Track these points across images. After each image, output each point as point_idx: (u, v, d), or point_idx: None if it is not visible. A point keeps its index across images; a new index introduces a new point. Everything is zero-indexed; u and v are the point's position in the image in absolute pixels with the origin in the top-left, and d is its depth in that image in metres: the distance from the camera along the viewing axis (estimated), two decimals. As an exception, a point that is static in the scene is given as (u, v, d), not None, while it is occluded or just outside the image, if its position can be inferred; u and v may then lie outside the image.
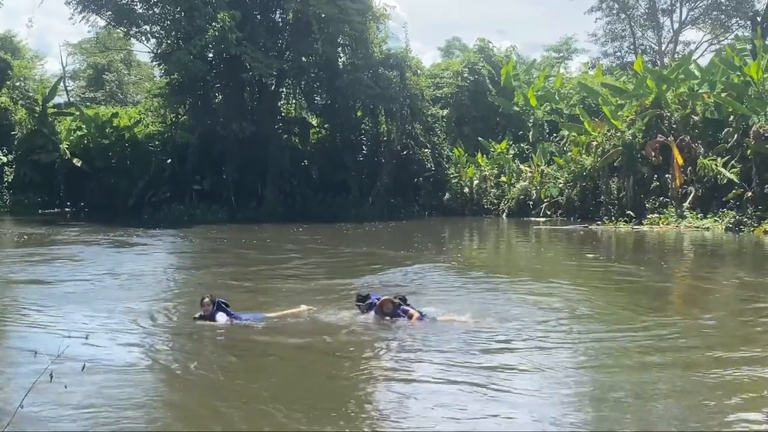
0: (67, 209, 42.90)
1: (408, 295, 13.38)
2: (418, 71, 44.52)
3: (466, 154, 43.96)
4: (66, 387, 7.30)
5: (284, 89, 43.78)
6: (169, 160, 41.56)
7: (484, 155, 43.54)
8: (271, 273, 19.07)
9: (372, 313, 12.25)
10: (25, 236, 28.61)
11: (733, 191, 31.81)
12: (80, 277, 17.95)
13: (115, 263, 20.77)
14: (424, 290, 15.97)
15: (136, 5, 40.47)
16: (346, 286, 16.14)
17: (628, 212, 34.42)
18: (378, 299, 12.40)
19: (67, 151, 42.33)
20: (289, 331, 11.56)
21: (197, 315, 11.88)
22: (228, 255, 24.32)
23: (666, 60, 62.28)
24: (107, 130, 42.93)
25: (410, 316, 11.98)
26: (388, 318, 11.99)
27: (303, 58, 41.07)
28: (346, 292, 14.77)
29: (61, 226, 33.27)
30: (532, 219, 38.26)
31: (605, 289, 16.87)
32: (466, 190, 43.43)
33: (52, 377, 5.99)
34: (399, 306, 12.14)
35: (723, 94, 33.98)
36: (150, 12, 40.78)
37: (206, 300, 11.76)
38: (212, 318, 11.62)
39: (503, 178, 42.32)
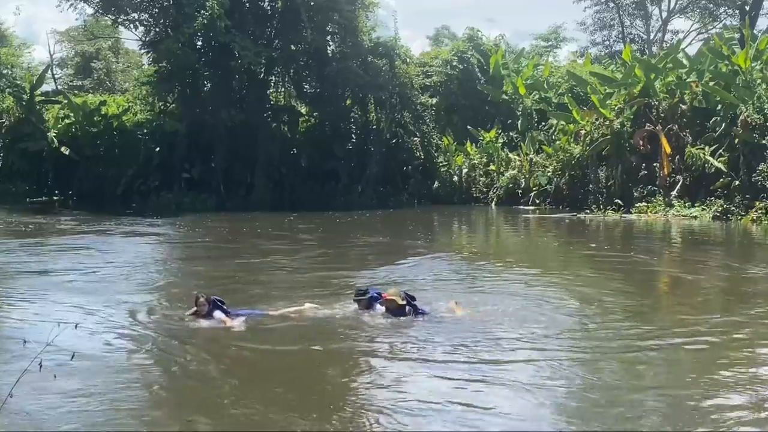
0: (55, 198, 42.65)
1: (430, 289, 13.13)
2: (408, 60, 44.46)
3: (455, 143, 44.02)
4: (55, 376, 7.31)
5: (273, 77, 43.63)
6: (157, 149, 41.36)
7: (473, 144, 43.60)
8: (282, 264, 18.78)
9: (378, 307, 11.72)
10: (30, 226, 28.28)
11: (721, 180, 31.97)
12: (82, 267, 17.87)
13: (120, 253, 20.76)
14: (446, 283, 15.67)
15: (124, -8, 40.31)
16: (357, 278, 15.93)
17: (616, 201, 34.56)
18: (378, 293, 11.91)
19: (55, 140, 42.03)
20: (290, 330, 11.17)
21: (190, 312, 11.46)
22: (234, 245, 23.99)
23: (654, 49, 62.34)
24: (95, 119, 42.64)
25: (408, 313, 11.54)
26: (392, 316, 11.48)
27: (292, 47, 41.00)
28: (359, 284, 14.12)
29: (57, 215, 33.11)
30: (521, 207, 38.35)
31: (618, 280, 16.65)
32: (455, 178, 43.52)
33: (41, 366, 6.01)
34: (404, 306, 11.54)
35: (711, 83, 34.11)
36: (138, -1, 40.63)
37: (201, 300, 11.26)
38: (209, 316, 11.20)
39: (492, 167, 42.40)
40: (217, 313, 11.17)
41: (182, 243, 24.98)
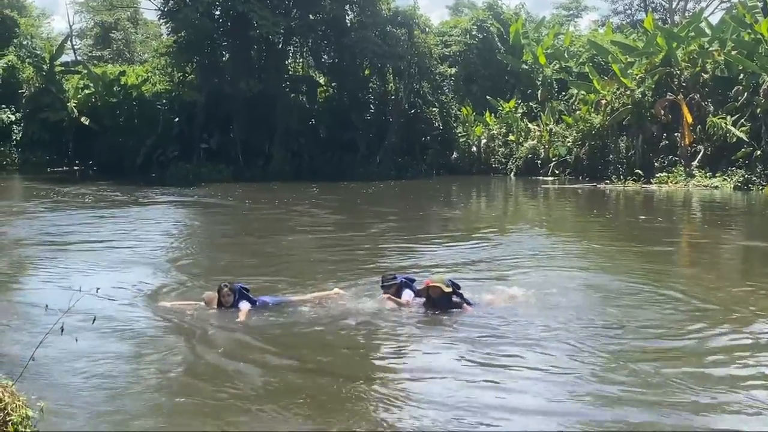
0: (75, 168, 42.99)
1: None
2: (427, 29, 44.17)
3: (474, 113, 43.82)
4: (77, 340, 7.36)
5: (291, 47, 43.51)
6: (176, 119, 41.50)
7: (492, 114, 43.39)
8: (357, 240, 17.67)
9: (407, 294, 10.41)
10: (89, 197, 28.02)
11: (743, 150, 31.74)
12: (122, 236, 18.02)
13: (161, 223, 21.16)
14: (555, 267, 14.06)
15: (143, -38, 40.32)
16: (429, 258, 14.98)
17: (636, 171, 34.35)
18: (407, 278, 10.67)
19: (74, 110, 42.26)
20: (313, 321, 10.03)
21: (204, 303, 10.41)
22: (293, 217, 22.98)
23: (676, 18, 61.57)
24: (115, 89, 42.82)
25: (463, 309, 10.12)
26: (433, 308, 10.06)
27: (310, 16, 40.84)
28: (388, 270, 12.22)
29: (89, 185, 33.12)
30: (540, 178, 38.19)
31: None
32: (474, 149, 43.38)
33: (63, 330, 6.07)
34: (450, 294, 10.06)
35: (733, 52, 33.73)
36: (157, -32, 40.58)
37: (226, 290, 10.19)
38: (234, 307, 10.13)
39: (511, 137, 42.21)
40: (243, 304, 10.16)
41: (229, 215, 24.14)
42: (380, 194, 31.60)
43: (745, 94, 32.39)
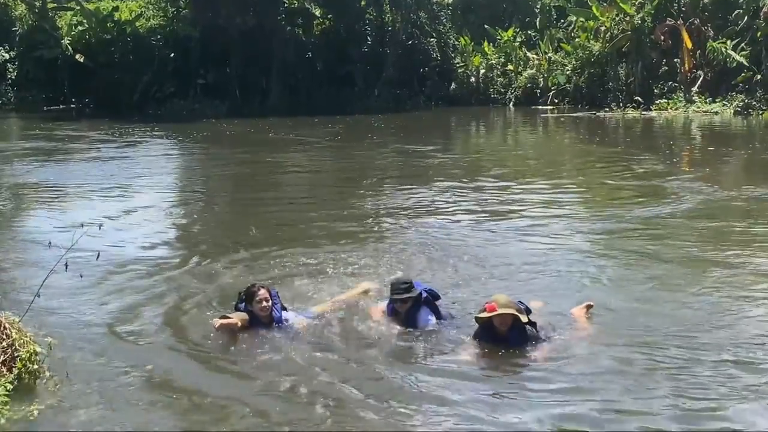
0: (72, 106, 42.70)
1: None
2: (423, -44, 43.44)
3: (473, 43, 43.32)
4: (81, 276, 7.40)
5: (286, -22, 42.88)
6: (172, 55, 41.09)
7: (491, 43, 42.90)
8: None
9: (424, 317, 7.06)
10: (88, 136, 27.38)
11: (743, 74, 31.55)
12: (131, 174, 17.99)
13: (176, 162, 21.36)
14: None
15: None
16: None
17: (636, 98, 34.17)
18: (428, 290, 7.24)
19: (69, 47, 41.80)
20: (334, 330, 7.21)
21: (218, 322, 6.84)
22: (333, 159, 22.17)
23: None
24: (108, 25, 42.29)
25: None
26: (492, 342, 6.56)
27: (305, -55, 40.19)
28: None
29: (84, 122, 32.84)
30: (540, 107, 37.94)
31: None
32: (473, 79, 42.98)
33: (67, 266, 6.10)
34: (524, 325, 6.54)
35: (734, -25, 33.32)
36: None
37: (262, 291, 7.01)
38: (273, 320, 7.06)
39: (510, 67, 41.81)
40: (297, 318, 7.22)
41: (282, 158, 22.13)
42: (418, 129, 30.82)
43: (745, 17, 32.10)
